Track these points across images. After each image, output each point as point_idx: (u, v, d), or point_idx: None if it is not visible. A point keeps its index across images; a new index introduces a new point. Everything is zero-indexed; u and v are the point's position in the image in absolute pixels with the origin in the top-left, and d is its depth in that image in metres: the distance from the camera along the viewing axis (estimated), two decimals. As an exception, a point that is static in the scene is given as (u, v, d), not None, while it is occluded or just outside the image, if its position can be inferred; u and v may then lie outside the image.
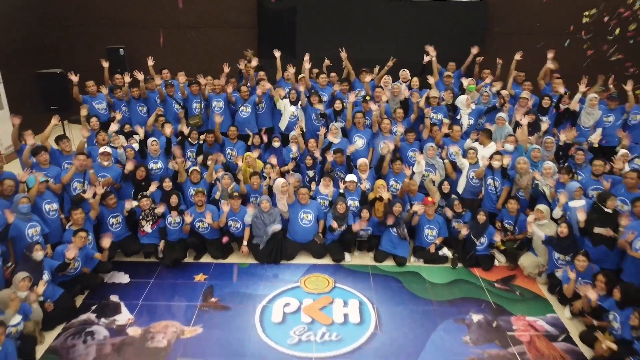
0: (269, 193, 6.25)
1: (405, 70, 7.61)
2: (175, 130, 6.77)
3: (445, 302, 5.33)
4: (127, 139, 6.69)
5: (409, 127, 6.91)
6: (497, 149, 6.22)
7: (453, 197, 6.24)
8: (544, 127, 6.54)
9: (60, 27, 10.70)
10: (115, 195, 5.87)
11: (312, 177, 6.72)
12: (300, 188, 6.06)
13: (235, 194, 5.96)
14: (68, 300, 5.01)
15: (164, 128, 6.44)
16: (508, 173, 6.06)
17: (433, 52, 7.40)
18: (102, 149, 6.01)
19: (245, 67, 7.82)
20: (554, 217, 5.49)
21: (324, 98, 7.42)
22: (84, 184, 5.75)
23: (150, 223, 5.96)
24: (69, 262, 4.93)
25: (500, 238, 5.80)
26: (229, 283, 5.61)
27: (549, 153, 6.33)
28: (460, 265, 5.97)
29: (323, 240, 6.06)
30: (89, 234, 5.42)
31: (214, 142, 6.90)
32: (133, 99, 7.31)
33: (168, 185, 6.10)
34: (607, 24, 8.11)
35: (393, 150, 6.50)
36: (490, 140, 6.49)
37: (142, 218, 5.96)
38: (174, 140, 6.60)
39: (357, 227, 5.86)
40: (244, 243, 6.00)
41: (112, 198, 5.79)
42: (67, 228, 5.46)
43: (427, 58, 7.45)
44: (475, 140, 6.61)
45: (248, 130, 7.02)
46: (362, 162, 6.42)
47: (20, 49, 9.67)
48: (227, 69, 7.44)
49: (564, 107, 6.82)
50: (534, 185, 5.97)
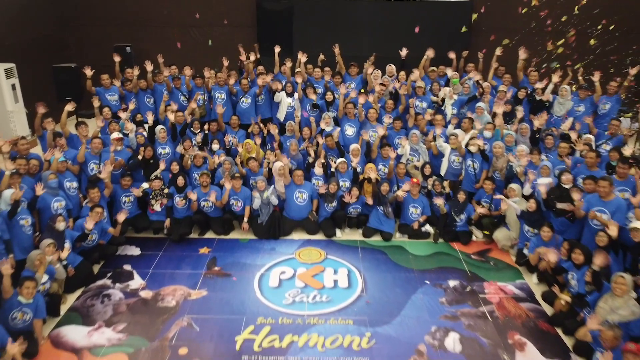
0: (269, 175, 6.84)
1: (392, 65, 8.20)
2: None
3: (426, 270, 5.91)
4: (137, 127, 7.28)
5: (397, 116, 7.49)
6: (473, 135, 6.81)
7: (435, 178, 6.80)
8: (519, 115, 7.13)
9: (72, 26, 11.32)
10: (131, 177, 6.45)
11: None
12: (296, 170, 6.65)
13: (237, 175, 6.55)
14: (87, 267, 5.60)
15: (169, 114, 7.07)
16: (487, 154, 6.64)
17: (404, 52, 8.08)
18: (114, 135, 6.60)
19: (246, 61, 8.41)
20: (525, 194, 6.07)
21: (318, 90, 8.01)
22: (99, 166, 6.34)
23: (160, 202, 6.54)
24: (88, 232, 5.53)
25: (478, 214, 6.37)
26: (231, 255, 6.19)
27: (525, 138, 6.92)
28: (441, 240, 6.55)
29: (316, 218, 6.65)
30: (104, 210, 6.00)
31: (217, 130, 7.50)
32: (141, 91, 7.90)
33: (175, 168, 6.68)
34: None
35: (381, 137, 7.08)
36: (471, 128, 7.07)
37: (152, 198, 6.55)
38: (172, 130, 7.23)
39: (347, 198, 6.45)
40: (245, 220, 6.58)
41: (126, 179, 6.38)
42: (84, 204, 6.05)
43: (403, 53, 8.06)
44: (456, 127, 7.19)
45: (253, 120, 7.61)
46: (354, 147, 7.00)
47: (34, 46, 10.28)
48: (226, 63, 8.04)
49: (539, 98, 7.40)
50: (509, 167, 6.55)
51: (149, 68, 7.73)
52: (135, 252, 6.25)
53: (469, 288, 5.58)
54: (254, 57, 8.30)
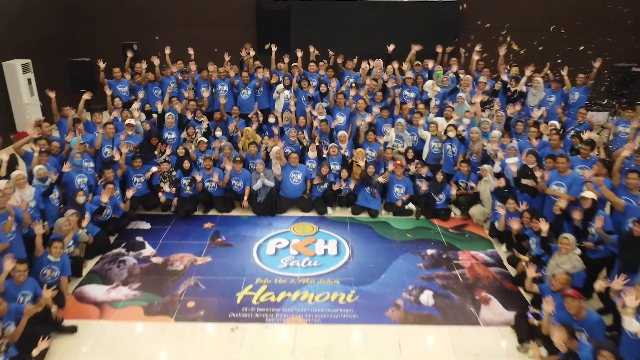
0: (266, 159, 7.52)
1: (379, 60, 8.88)
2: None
3: (407, 241, 6.59)
4: (147, 116, 7.98)
5: (384, 106, 8.18)
6: (453, 122, 7.50)
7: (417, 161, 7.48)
8: (496, 107, 7.82)
9: (82, 24, 12.03)
10: (142, 160, 7.13)
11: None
12: (291, 153, 7.33)
13: (237, 159, 7.24)
14: (104, 237, 6.28)
15: (174, 104, 7.78)
16: (464, 139, 7.32)
17: (391, 48, 8.78)
18: (127, 121, 7.29)
19: (246, 57, 9.09)
20: (495, 172, 6.76)
21: (313, 83, 8.69)
22: (113, 149, 7.03)
23: (168, 183, 7.21)
24: (104, 205, 6.21)
25: (455, 193, 7.05)
26: (232, 229, 6.86)
27: (500, 125, 7.60)
28: (423, 217, 7.22)
29: (310, 196, 7.33)
30: (117, 188, 6.68)
31: (220, 119, 8.19)
32: (149, 83, 8.59)
33: (181, 152, 7.36)
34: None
35: (369, 124, 7.76)
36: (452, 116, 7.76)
37: (161, 180, 7.22)
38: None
39: (337, 187, 7.14)
40: (245, 199, 7.26)
41: (137, 161, 7.06)
42: (99, 183, 6.74)
43: (390, 48, 8.76)
44: (437, 115, 7.87)
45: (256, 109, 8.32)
46: (341, 134, 7.70)
47: (48, 43, 11.00)
48: (227, 58, 8.74)
49: (514, 89, 8.09)
50: (484, 150, 7.23)
51: (156, 62, 8.42)
52: (146, 226, 6.93)
53: (445, 255, 6.25)
54: (253, 52, 8.99)
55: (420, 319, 5.08)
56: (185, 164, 7.25)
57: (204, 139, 7.60)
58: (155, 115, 7.95)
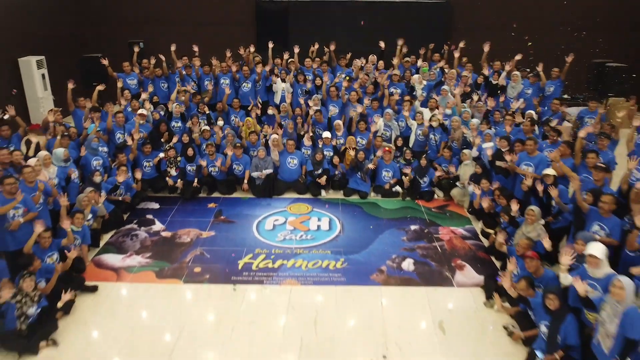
0: (266, 145, 8.17)
1: (373, 55, 9.56)
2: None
3: (393, 219, 7.24)
4: (154, 108, 8.67)
5: (374, 97, 8.84)
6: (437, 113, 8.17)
7: (405, 149, 8.14)
8: (475, 97, 8.50)
9: (92, 24, 12.72)
10: (151, 145, 7.78)
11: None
12: (288, 140, 7.99)
13: (238, 145, 7.89)
14: (118, 214, 6.92)
15: (180, 97, 8.49)
16: (446, 127, 7.99)
17: (382, 44, 9.49)
18: (140, 111, 7.96)
19: (245, 53, 9.75)
20: (473, 156, 7.41)
21: (309, 77, 9.34)
22: (124, 135, 7.69)
23: (174, 168, 7.86)
24: (119, 185, 6.87)
25: (437, 176, 7.71)
26: (234, 208, 7.51)
27: (480, 115, 8.26)
28: (408, 199, 7.87)
29: (305, 179, 7.98)
30: (129, 171, 7.33)
31: (222, 110, 8.84)
32: (157, 77, 9.25)
33: (186, 139, 8.02)
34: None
35: (360, 114, 8.42)
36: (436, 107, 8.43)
37: (168, 165, 7.87)
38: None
39: (322, 181, 7.83)
40: (245, 182, 7.91)
41: (147, 147, 7.72)
42: (113, 166, 7.39)
43: (382, 45, 9.46)
44: (422, 106, 8.55)
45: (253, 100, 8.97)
46: (336, 123, 8.38)
47: (60, 40, 11.68)
48: (229, 54, 9.41)
49: (495, 82, 8.76)
50: (464, 137, 7.89)
51: (163, 59, 9.10)
52: (155, 206, 7.58)
53: (426, 230, 6.90)
54: (253, 49, 9.66)
55: (401, 282, 5.73)
56: (190, 151, 7.90)
57: (207, 128, 8.25)
58: (164, 106, 8.66)
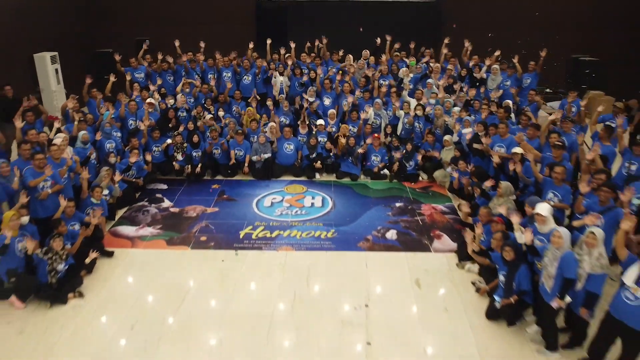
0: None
1: (366, 50, 10.31)
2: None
3: (380, 197, 7.96)
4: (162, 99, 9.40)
5: (365, 89, 9.57)
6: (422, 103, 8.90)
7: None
8: (457, 88, 9.23)
9: (102, 22, 13.49)
10: (159, 132, 8.51)
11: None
12: (285, 127, 8.72)
13: (239, 131, 8.62)
14: (131, 192, 7.65)
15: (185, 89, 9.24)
16: (429, 116, 8.72)
17: (379, 40, 10.25)
18: (148, 100, 8.69)
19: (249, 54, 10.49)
20: (454, 140, 8.14)
21: (305, 71, 10.07)
22: (136, 122, 8.42)
23: (181, 153, 8.58)
24: (131, 165, 7.60)
25: (420, 158, 8.45)
26: (235, 189, 8.23)
27: (461, 104, 8.99)
28: (395, 181, 8.59)
29: (300, 163, 8.70)
30: (140, 154, 8.05)
31: (224, 101, 9.58)
32: (163, 71, 9.99)
33: (191, 126, 8.75)
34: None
35: (352, 104, 9.15)
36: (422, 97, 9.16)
37: (175, 150, 8.59)
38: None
39: (318, 165, 8.52)
40: (245, 165, 8.64)
41: (156, 132, 8.45)
42: (126, 150, 8.12)
43: (378, 41, 10.17)
44: (409, 95, 9.28)
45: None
46: (331, 112, 9.13)
47: (72, 38, 12.42)
48: (233, 55, 10.16)
49: (476, 75, 9.50)
50: (446, 125, 8.61)
51: (169, 58, 9.85)
52: (163, 187, 8.30)
53: (410, 207, 7.62)
54: (252, 45, 10.40)
55: (385, 248, 6.44)
56: (195, 138, 8.62)
57: (211, 115, 8.99)
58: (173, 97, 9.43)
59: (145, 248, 6.42)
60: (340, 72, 9.77)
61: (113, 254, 6.21)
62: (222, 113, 9.29)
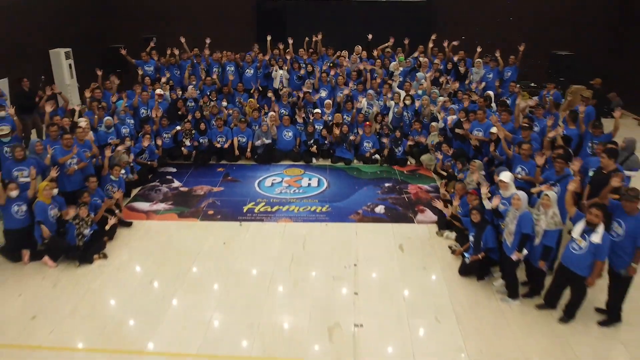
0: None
1: (358, 46, 11.07)
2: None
3: (372, 179, 8.72)
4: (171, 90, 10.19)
5: (359, 81, 10.34)
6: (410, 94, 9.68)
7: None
8: (442, 80, 10.00)
9: (112, 20, 14.30)
10: (168, 120, 9.28)
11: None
12: (285, 115, 9.50)
13: (242, 120, 9.40)
14: (144, 173, 8.41)
15: (192, 82, 10.04)
16: (418, 110, 9.51)
17: (370, 36, 11.02)
18: (157, 91, 9.47)
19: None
20: (440, 127, 8.91)
21: (302, 65, 10.84)
22: (147, 110, 9.20)
23: (189, 139, 9.34)
24: (144, 149, 8.36)
25: (410, 144, 9.20)
26: (239, 172, 9.00)
27: (446, 95, 9.76)
28: (386, 165, 9.35)
29: (298, 150, 9.47)
30: (152, 139, 8.82)
31: (227, 92, 10.35)
32: (171, 65, 10.77)
33: (198, 115, 9.52)
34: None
35: (346, 96, 9.92)
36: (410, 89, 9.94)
37: (184, 136, 9.36)
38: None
39: (314, 150, 9.29)
40: (248, 151, 9.40)
41: (165, 120, 9.22)
42: (139, 135, 8.89)
43: (370, 37, 10.95)
44: (399, 87, 10.06)
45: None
46: (327, 102, 9.90)
47: (84, 35, 13.20)
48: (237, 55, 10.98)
49: (461, 68, 10.28)
50: (432, 114, 9.38)
51: (176, 52, 10.63)
52: (173, 170, 9.06)
53: (398, 187, 8.38)
54: (257, 47, 11.21)
55: (373, 220, 7.20)
56: (202, 126, 9.39)
57: (215, 104, 9.77)
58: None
59: (160, 220, 7.19)
60: (332, 64, 10.52)
61: (132, 224, 6.97)
62: (224, 104, 10.05)
